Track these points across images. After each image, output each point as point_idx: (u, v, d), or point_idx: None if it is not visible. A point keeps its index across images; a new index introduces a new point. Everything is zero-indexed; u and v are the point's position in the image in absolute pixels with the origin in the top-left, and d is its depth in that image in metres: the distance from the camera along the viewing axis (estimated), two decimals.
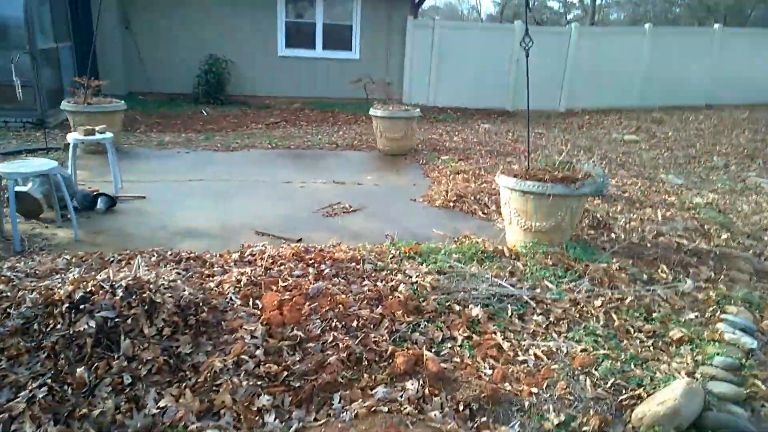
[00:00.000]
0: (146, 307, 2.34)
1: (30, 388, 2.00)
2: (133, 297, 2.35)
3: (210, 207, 5.10)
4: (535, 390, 2.45)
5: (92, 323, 2.19)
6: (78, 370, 2.07)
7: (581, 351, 2.79)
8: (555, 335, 2.95)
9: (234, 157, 7.36)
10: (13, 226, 3.68)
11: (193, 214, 4.86)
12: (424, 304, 3.10)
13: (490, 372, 2.57)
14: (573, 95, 12.32)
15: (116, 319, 2.25)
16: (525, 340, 2.88)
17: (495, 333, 2.90)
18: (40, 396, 1.98)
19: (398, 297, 3.11)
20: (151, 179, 5.97)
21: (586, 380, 2.54)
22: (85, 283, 2.36)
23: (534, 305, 3.20)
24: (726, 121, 11.08)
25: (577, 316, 3.14)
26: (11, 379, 2.02)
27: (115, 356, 2.17)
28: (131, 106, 10.74)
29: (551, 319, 3.09)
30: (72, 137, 5.06)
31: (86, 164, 6.39)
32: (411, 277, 3.44)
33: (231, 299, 2.78)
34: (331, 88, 11.94)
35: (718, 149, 8.85)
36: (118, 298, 2.31)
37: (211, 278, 3.04)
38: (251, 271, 3.11)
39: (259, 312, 2.73)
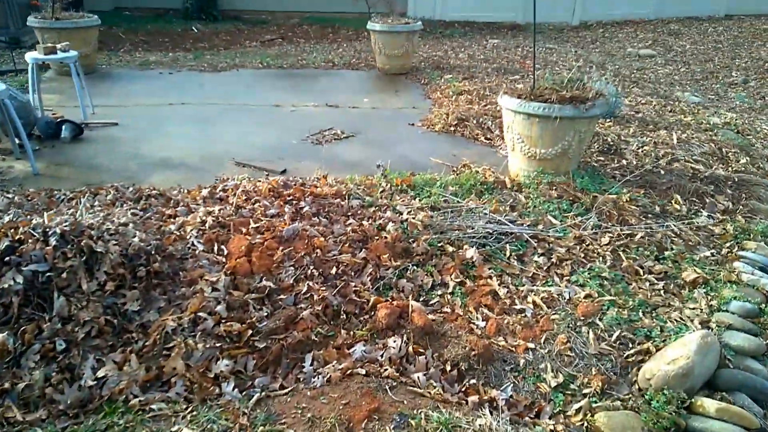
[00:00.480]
0: (85, 258, 2.04)
1: None
2: (70, 246, 2.04)
3: (190, 134, 4.70)
4: (531, 345, 2.19)
5: (19, 278, 1.90)
6: (0, 335, 1.80)
7: (585, 297, 2.51)
8: (557, 279, 2.65)
9: (222, 78, 6.83)
10: None
11: (171, 142, 4.48)
12: (413, 245, 2.79)
13: (483, 324, 2.31)
14: (588, 6, 11.29)
15: (49, 273, 1.96)
16: (523, 285, 2.59)
17: (491, 277, 2.61)
18: None
19: (385, 238, 2.79)
20: (128, 103, 5.51)
21: (588, 333, 2.27)
22: (13, 230, 2.04)
23: (535, 244, 2.88)
24: (746, 32, 10.18)
25: (582, 255, 2.83)
26: None
27: (47, 317, 1.90)
28: (116, 22, 9.99)
29: (553, 259, 2.78)
30: (30, 56, 4.55)
31: (59, 87, 5.92)
32: (401, 213, 3.11)
33: (193, 245, 2.47)
34: (332, 2, 11.01)
35: (737, 63, 8.14)
36: (50, 247, 2.00)
37: (172, 219, 2.71)
38: (220, 210, 2.77)
39: (224, 259, 2.43)
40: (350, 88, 6.46)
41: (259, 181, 3.37)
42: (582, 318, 2.36)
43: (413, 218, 3.05)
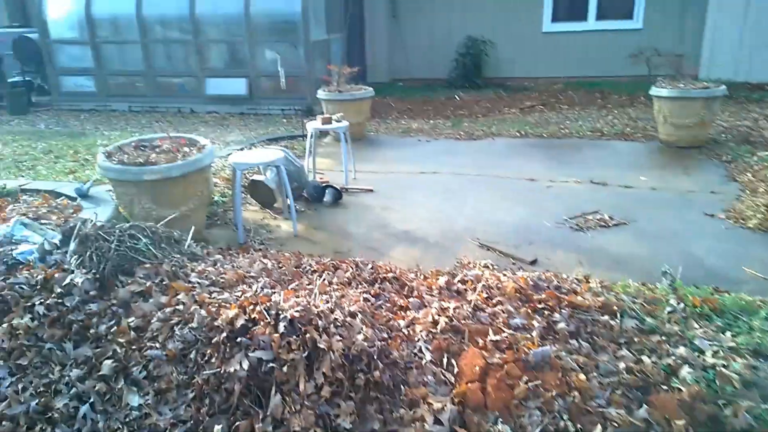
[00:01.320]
0: (308, 353, 1.82)
1: None
2: (296, 336, 1.86)
3: (435, 206, 4.55)
4: None
5: (245, 364, 1.78)
6: (216, 427, 1.67)
7: None
8: None
9: (476, 147, 6.72)
10: (236, 217, 3.77)
11: (416, 212, 4.40)
12: (726, 412, 1.83)
13: None
14: None
15: (272, 363, 1.79)
16: None
17: None
18: None
19: (679, 391, 1.91)
20: (383, 170, 5.79)
21: None
22: (252, 306, 1.98)
23: None
24: None
25: None
26: (151, 421, 1.76)
27: (261, 415, 1.71)
28: (389, 92, 11.22)
29: None
30: (311, 126, 5.16)
31: (332, 152, 6.63)
32: (703, 353, 2.15)
33: (420, 350, 2.07)
34: (600, 66, 10.36)
35: None
36: (278, 335, 1.85)
37: (403, 312, 2.39)
38: (455, 309, 2.34)
39: (453, 378, 1.95)
40: (622, 163, 5.52)
41: (504, 274, 2.85)
42: None
43: (723, 365, 2.06)
